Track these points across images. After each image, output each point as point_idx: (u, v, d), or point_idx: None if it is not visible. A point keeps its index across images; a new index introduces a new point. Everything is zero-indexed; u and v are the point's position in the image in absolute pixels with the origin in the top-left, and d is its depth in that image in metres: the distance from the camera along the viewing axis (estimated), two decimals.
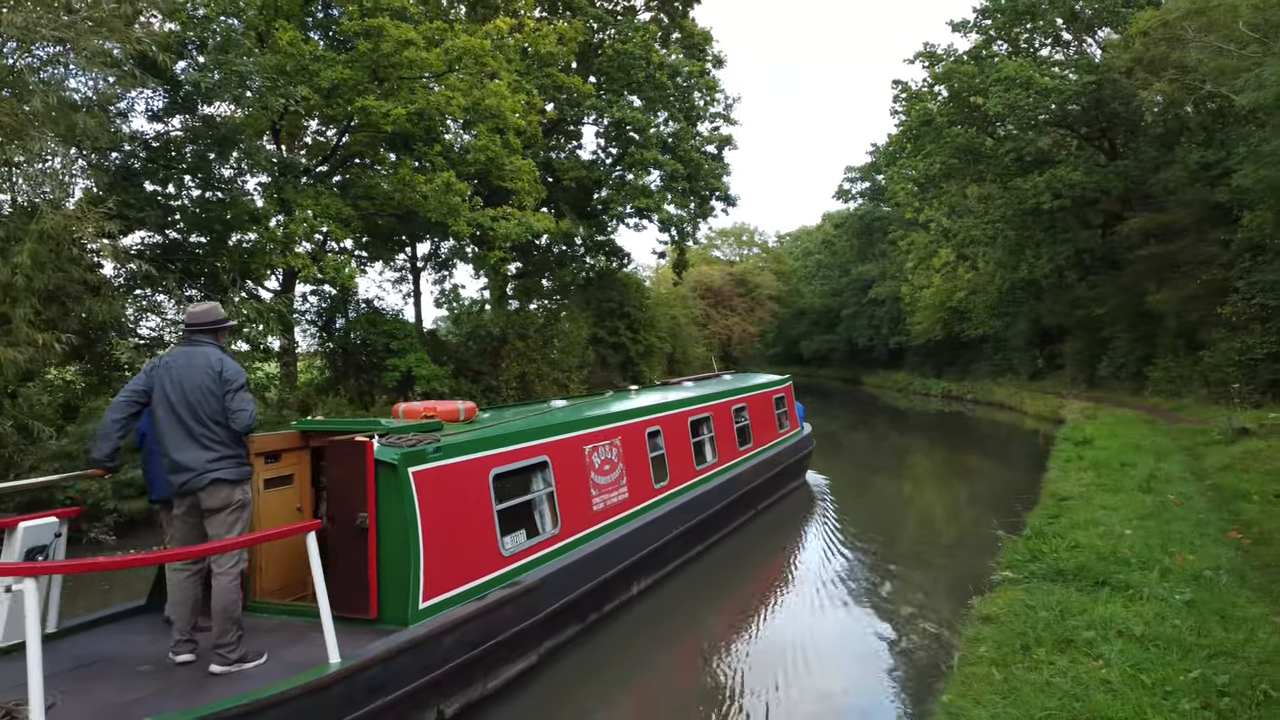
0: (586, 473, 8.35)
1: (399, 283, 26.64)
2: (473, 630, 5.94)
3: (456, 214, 19.21)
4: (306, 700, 4.59)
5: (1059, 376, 35.85)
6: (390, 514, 5.87)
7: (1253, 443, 14.31)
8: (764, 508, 13.11)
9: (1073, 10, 31.51)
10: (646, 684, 6.93)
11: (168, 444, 5.19)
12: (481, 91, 19.36)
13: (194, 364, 5.23)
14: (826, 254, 68.22)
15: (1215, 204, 24.11)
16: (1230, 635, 5.49)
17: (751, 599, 9.33)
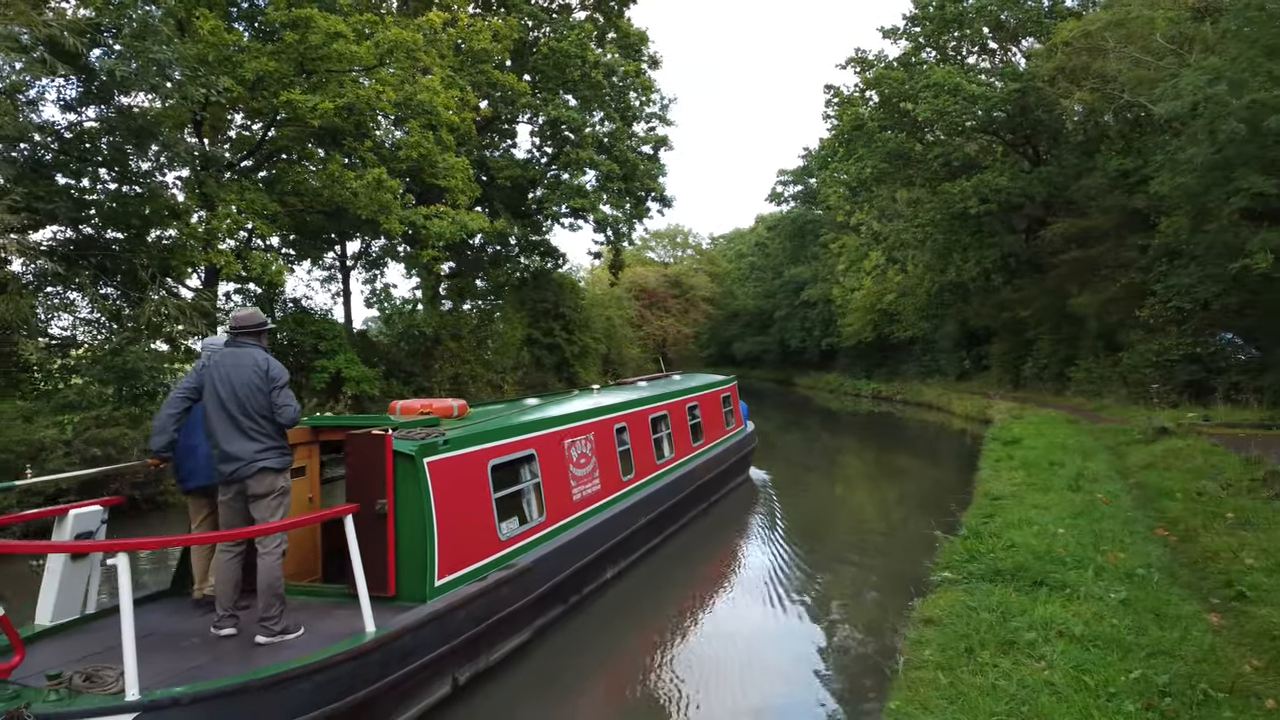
0: (566, 465, 9.01)
1: (328, 281, 26.00)
2: (479, 607, 6.50)
3: (388, 211, 18.77)
4: (353, 663, 5.19)
5: (985, 377, 36.69)
6: (408, 500, 6.43)
7: (1172, 441, 14.73)
8: (715, 500, 13.81)
9: (998, 20, 32.29)
10: (622, 665, 7.35)
11: (218, 436, 5.67)
12: (414, 87, 18.96)
13: (241, 363, 5.73)
14: (760, 256, 68.85)
15: (1134, 210, 24.91)
16: (1166, 634, 5.55)
17: (699, 600, 9.34)
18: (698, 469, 12.84)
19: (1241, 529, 8.28)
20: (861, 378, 50.51)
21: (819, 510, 15.20)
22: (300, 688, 4.91)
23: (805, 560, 10.98)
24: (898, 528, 13.38)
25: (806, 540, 12.20)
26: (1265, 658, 5.28)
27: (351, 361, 19.81)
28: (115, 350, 15.67)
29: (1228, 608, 6.41)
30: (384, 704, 5.48)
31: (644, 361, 48.47)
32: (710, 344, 71.72)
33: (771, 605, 8.98)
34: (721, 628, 8.35)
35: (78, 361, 16.53)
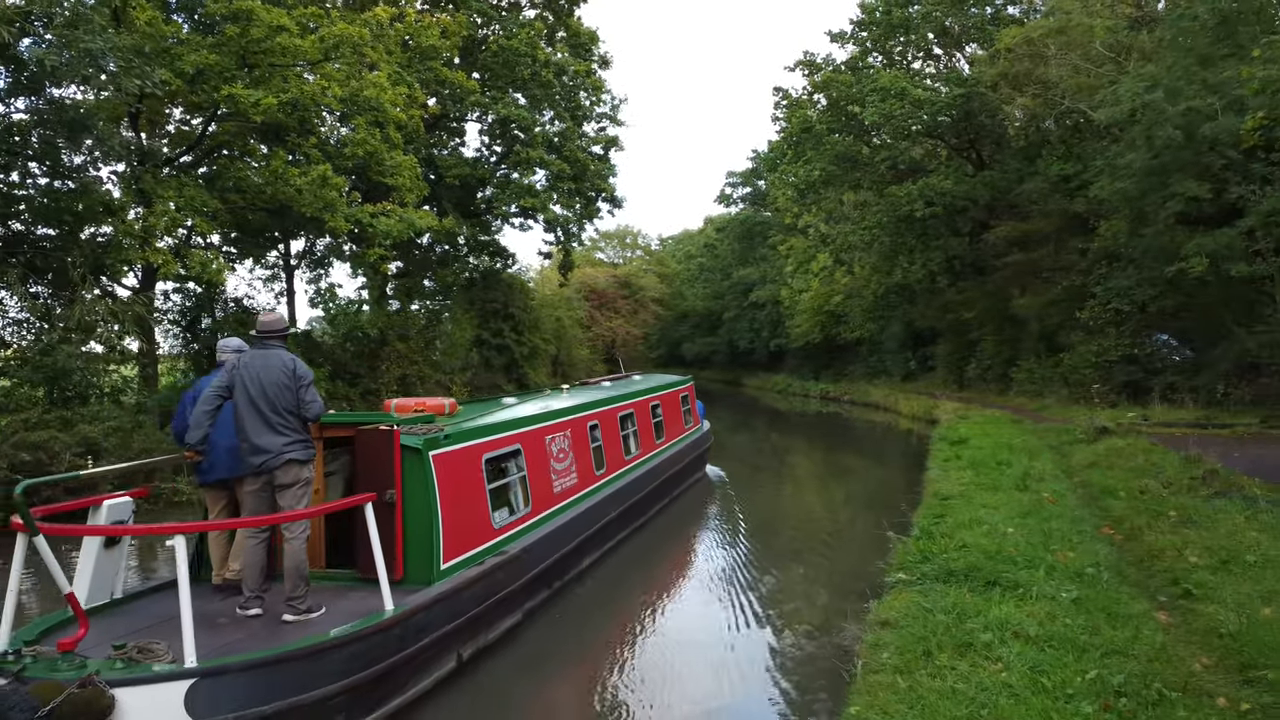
0: (548, 460, 9.61)
1: (271, 281, 25.40)
2: (478, 590, 7.07)
3: (333, 209, 18.37)
4: (377, 637, 5.75)
5: (930, 378, 37.26)
6: (414, 490, 6.96)
7: (1113, 441, 15.05)
8: (677, 495, 14.56)
9: (943, 26, 32.80)
10: (600, 648, 7.83)
11: (248, 431, 6.15)
12: (360, 82, 18.58)
13: (270, 364, 6.24)
14: (708, 257, 69.12)
15: (1074, 214, 25.47)
16: (1119, 633, 5.60)
17: (660, 600, 9.34)
18: (661, 465, 13.58)
19: (1184, 527, 8.44)
20: (809, 378, 50.98)
21: (772, 510, 15.27)
22: (334, 658, 5.48)
23: (760, 560, 11.03)
24: (850, 527, 13.47)
25: (760, 541, 12.28)
26: (1214, 655, 5.36)
27: None
28: (45, 350, 15.09)
29: (1175, 606, 6.52)
30: (401, 675, 6.05)
31: (593, 363, 48.32)
32: (659, 345, 71.80)
33: (727, 606, 8.97)
34: (680, 628, 8.32)
35: (5, 363, 15.89)
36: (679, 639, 7.96)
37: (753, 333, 59.48)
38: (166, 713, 4.85)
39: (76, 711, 4.59)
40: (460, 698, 6.50)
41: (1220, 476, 10.34)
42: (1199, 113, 17.92)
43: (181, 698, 4.88)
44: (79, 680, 4.67)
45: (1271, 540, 7.37)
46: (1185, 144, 18.22)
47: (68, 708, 4.55)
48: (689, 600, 9.40)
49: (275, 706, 5.11)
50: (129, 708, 4.77)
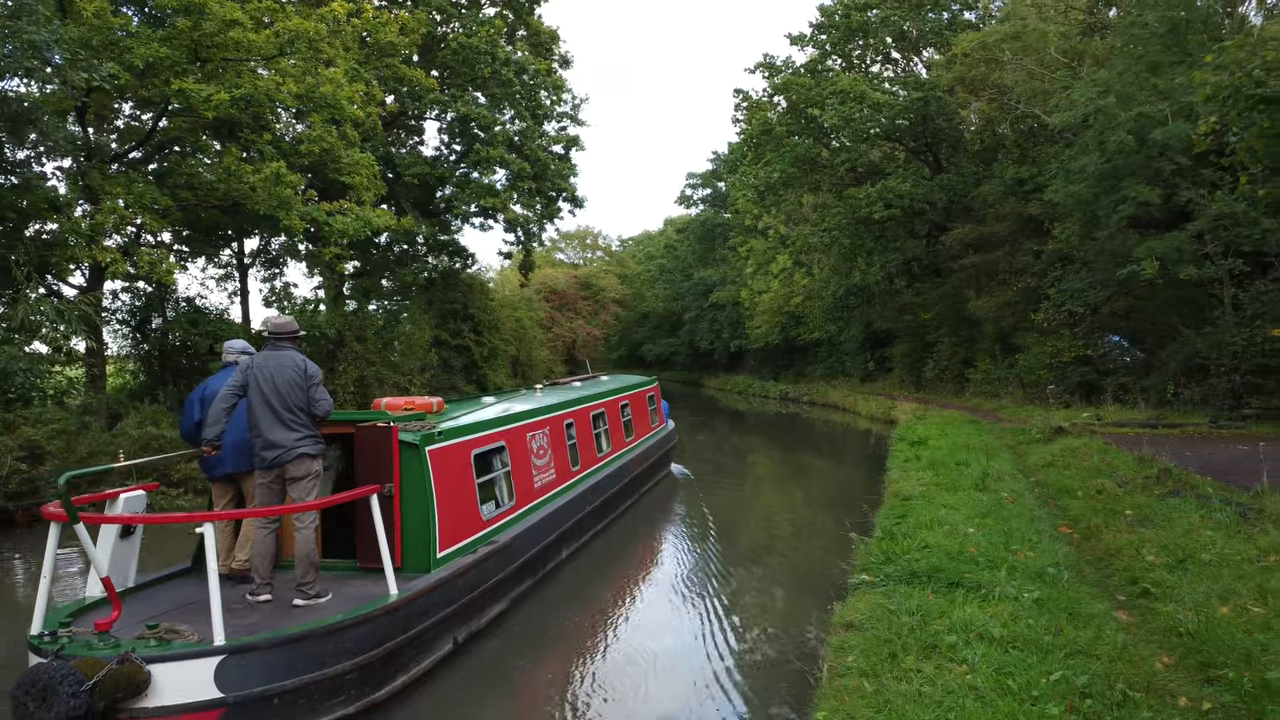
0: (529, 456, 10.08)
1: (224, 280, 24.85)
2: (471, 577, 7.54)
3: (288, 207, 17.99)
4: (384, 619, 6.20)
5: (888, 378, 37.61)
6: (412, 484, 7.41)
7: (1069, 440, 15.26)
8: (645, 491, 15.16)
9: (901, 30, 33.15)
10: (579, 640, 8.09)
11: (262, 427, 6.56)
12: (316, 79, 18.22)
13: (283, 364, 6.65)
14: (669, 258, 69.21)
15: (1029, 217, 25.85)
16: (1081, 633, 5.62)
17: (623, 603, 9.26)
18: (630, 463, 14.16)
19: (1140, 526, 8.55)
20: (769, 379, 51.24)
21: (734, 510, 15.26)
22: (349, 636, 5.94)
23: (722, 561, 11.02)
24: (812, 527, 13.49)
25: (723, 541, 12.30)
26: (1174, 654, 5.41)
27: None
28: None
29: (1134, 605, 6.58)
30: (405, 655, 6.50)
31: (554, 364, 48.06)
32: (620, 346, 71.74)
33: (691, 609, 8.93)
34: (647, 632, 8.25)
35: None
36: (645, 645, 7.90)
37: (713, 334, 59.66)
38: (198, 687, 5.30)
39: (117, 685, 5.04)
40: (457, 677, 6.96)
41: (1173, 476, 10.51)
42: (1150, 118, 18.26)
43: (212, 673, 5.35)
44: (118, 657, 5.14)
45: (1226, 539, 7.47)
46: (1137, 149, 18.57)
47: (109, 682, 4.99)
48: (654, 603, 9.34)
49: (297, 681, 5.61)
50: (164, 682, 5.24)
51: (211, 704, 5.33)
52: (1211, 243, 18.50)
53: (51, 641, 5.48)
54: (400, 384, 24.97)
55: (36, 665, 5.07)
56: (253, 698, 5.43)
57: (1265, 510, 7.88)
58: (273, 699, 5.52)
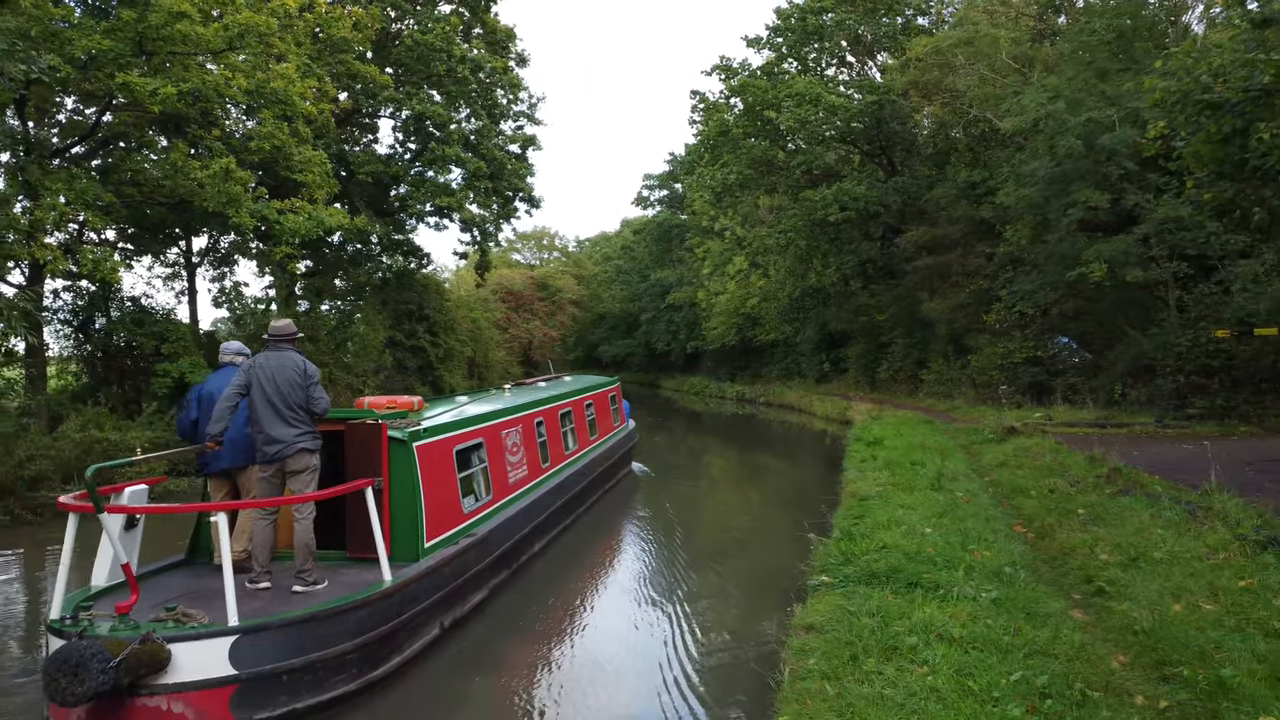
0: (504, 453, 10.48)
1: (171, 279, 24.26)
2: (455, 566, 7.94)
3: (237, 204, 17.60)
4: (380, 603, 6.61)
5: (844, 379, 37.92)
6: (401, 477, 7.81)
7: (1021, 440, 15.48)
8: (609, 488, 15.57)
9: (856, 34, 33.47)
10: (553, 629, 8.40)
11: (264, 424, 6.96)
12: (267, 74, 17.85)
13: (284, 364, 7.06)
14: (626, 259, 69.15)
15: (981, 220, 26.24)
16: (1039, 633, 5.65)
17: (584, 607, 9.12)
18: (595, 460, 14.58)
19: (1093, 525, 8.67)
20: (725, 380, 51.42)
21: (693, 511, 15.25)
22: (351, 619, 6.34)
23: (682, 563, 10.98)
24: (770, 528, 13.51)
25: (682, 543, 12.28)
26: (1130, 653, 5.46)
27: (197, 365, 18.49)
28: None
29: (1090, 603, 6.65)
30: (399, 637, 6.89)
31: (510, 364, 47.80)
32: (577, 347, 71.55)
33: (651, 611, 8.87)
34: (608, 634, 8.18)
35: None
36: (606, 649, 7.87)
37: (669, 335, 59.72)
38: (213, 664, 5.71)
39: (140, 662, 5.43)
40: (445, 660, 7.38)
41: (1124, 475, 10.70)
42: (1098, 124, 18.63)
43: (226, 651, 5.75)
44: (140, 637, 5.52)
45: (1176, 537, 7.59)
46: (1085, 153, 18.92)
47: (133, 659, 5.38)
48: (616, 606, 9.27)
49: (304, 660, 6.02)
50: (182, 660, 5.65)
51: (226, 680, 5.74)
52: (1157, 246, 18.92)
53: (74, 624, 5.86)
54: (354, 385, 24.59)
55: (67, 644, 5.38)
56: (264, 675, 5.84)
57: (1214, 508, 8.03)
58: (282, 676, 5.92)
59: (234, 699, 5.74)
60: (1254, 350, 16.96)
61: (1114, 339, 21.22)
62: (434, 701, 6.64)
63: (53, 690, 5.25)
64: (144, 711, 5.59)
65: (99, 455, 14.84)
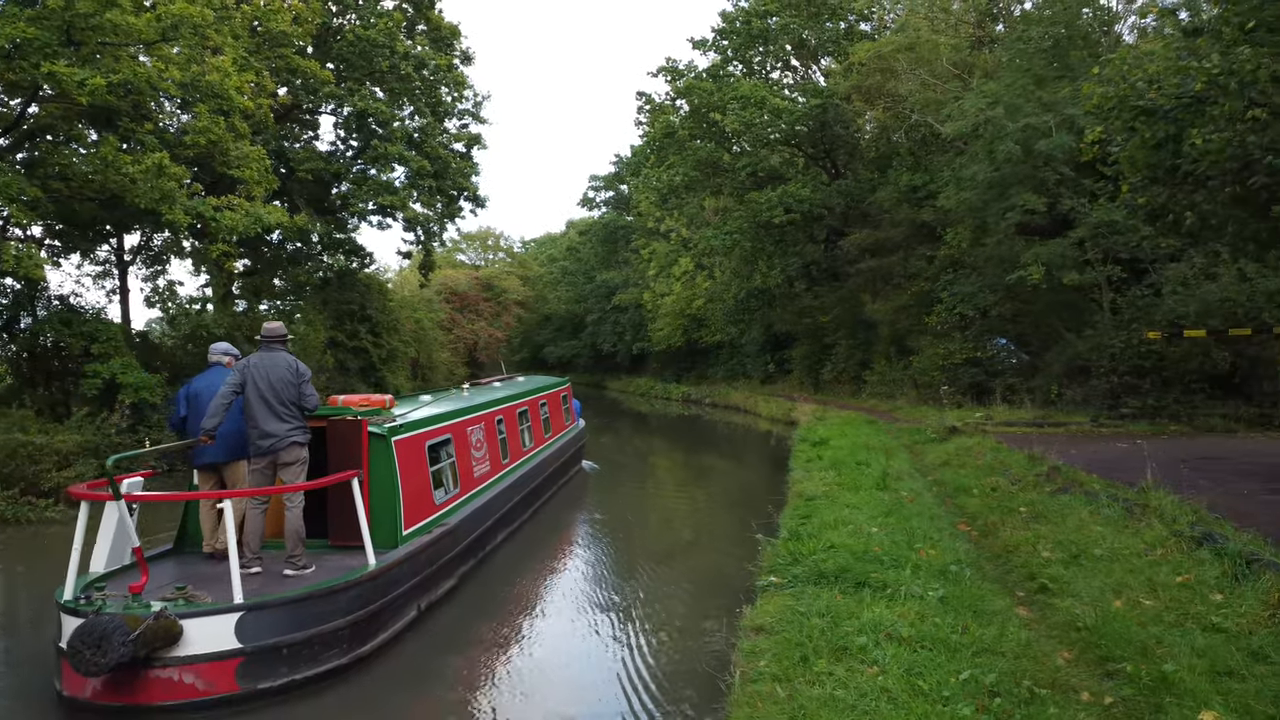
0: (469, 449, 11.01)
1: (102, 278, 23.44)
2: (429, 554, 8.48)
3: (171, 201, 17.04)
4: (367, 584, 7.17)
5: (788, 380, 38.26)
6: (380, 470, 8.32)
7: (962, 440, 15.74)
8: (562, 484, 16.14)
9: (800, 38, 33.80)
10: (516, 616, 8.84)
11: (258, 419, 7.46)
12: (202, 67, 17.34)
13: (277, 363, 7.59)
14: (572, 261, 68.93)
15: (922, 223, 26.67)
16: (986, 631, 5.70)
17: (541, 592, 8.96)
18: (549, 457, 15.20)
19: (1034, 523, 8.82)
20: (671, 381, 51.54)
21: (641, 512, 15.22)
22: (342, 598, 6.90)
23: (629, 563, 10.98)
24: (718, 528, 13.50)
25: (630, 544, 12.30)
26: (1074, 649, 5.54)
27: (129, 366, 17.88)
28: None
29: (1034, 600, 6.75)
30: (382, 618, 7.41)
31: (454, 365, 47.29)
32: (522, 348, 71.13)
33: (600, 613, 8.80)
34: (558, 636, 8.08)
35: None
36: (555, 653, 7.79)
37: (615, 336, 59.67)
38: (221, 638, 6.24)
39: (156, 636, 5.96)
40: (423, 639, 7.90)
41: (1062, 473, 10.92)
42: (1035, 129, 19.05)
43: (232, 627, 6.29)
44: (154, 614, 6.02)
45: (1115, 534, 7.75)
46: (1023, 158, 19.33)
47: (149, 633, 5.89)
48: (566, 610, 9.12)
49: (302, 635, 6.55)
50: (193, 634, 6.18)
51: (232, 654, 6.27)
52: (1092, 250, 19.41)
53: (88, 603, 6.30)
54: None
55: (91, 619, 5.89)
56: (265, 648, 6.38)
57: (1150, 506, 8.21)
58: (282, 649, 6.47)
59: (239, 670, 6.29)
60: (1183, 351, 17.49)
61: (1050, 340, 21.73)
62: (414, 676, 7.11)
63: (77, 661, 5.74)
64: (157, 682, 6.12)
65: (24, 459, 14.31)
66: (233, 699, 6.25)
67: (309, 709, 6.40)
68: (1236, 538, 6.97)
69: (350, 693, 6.65)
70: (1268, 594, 5.63)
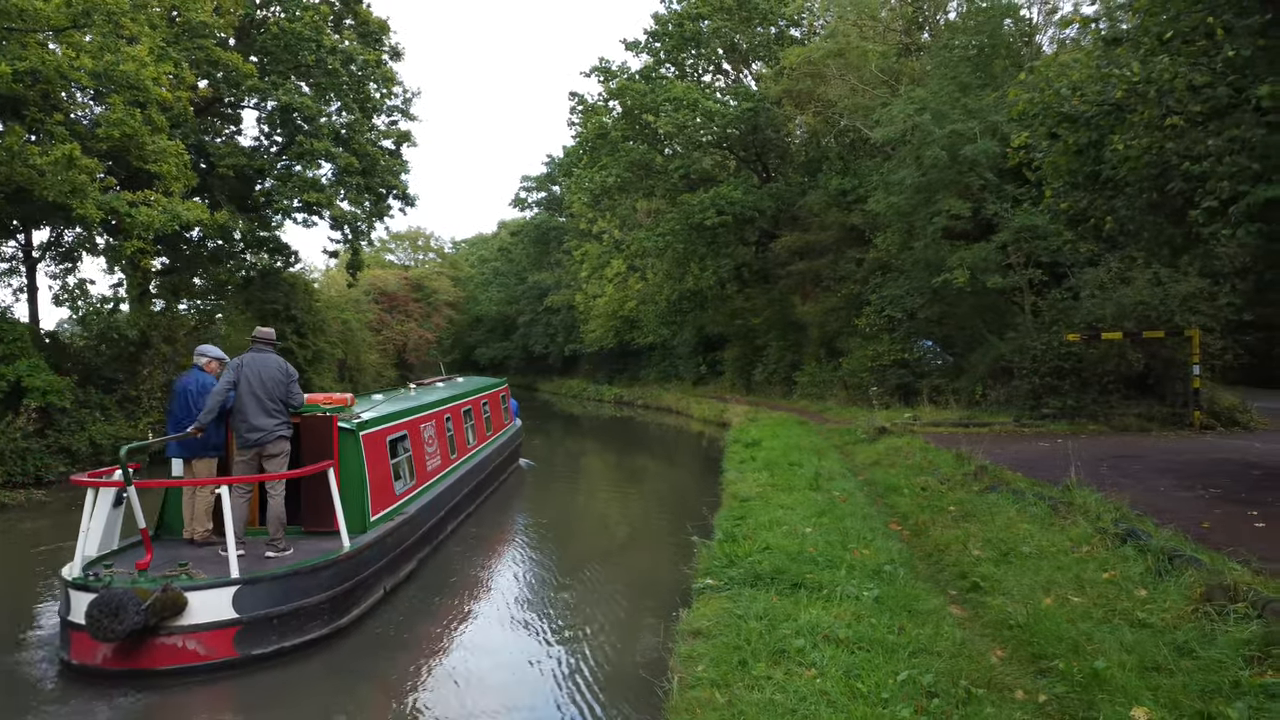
0: (423, 444, 11.78)
1: (8, 275, 22.34)
2: (393, 539, 9.31)
3: (83, 195, 16.32)
4: (344, 563, 8.00)
5: (720, 382, 38.49)
6: (350, 462, 9.12)
7: (891, 440, 15.98)
8: (503, 480, 16.83)
9: (732, 42, 34.04)
10: (457, 619, 9.06)
11: (249, 414, 8.23)
12: (116, 56, 16.65)
13: (268, 364, 8.41)
14: (503, 261, 68.31)
15: (851, 227, 27.09)
16: (922, 631, 5.73)
17: (466, 621, 8.75)
18: (491, 453, 15.94)
19: (964, 521, 8.95)
20: (604, 383, 51.46)
21: (575, 515, 15.12)
22: (324, 575, 7.75)
23: (565, 568, 10.83)
24: (653, 531, 13.46)
25: (566, 547, 12.19)
26: (1007, 647, 5.61)
27: (36, 368, 17.07)
28: None
29: (966, 599, 6.83)
30: (356, 594, 8.24)
31: (384, 367, 46.41)
32: (453, 349, 70.19)
33: (536, 621, 8.66)
34: (488, 647, 7.88)
35: None
36: (484, 664, 7.62)
37: (547, 337, 59.35)
38: (220, 609, 7.05)
39: (164, 606, 6.76)
40: (391, 614, 8.66)
41: (989, 472, 11.13)
42: (961, 135, 19.48)
43: (230, 599, 7.10)
44: (161, 587, 6.81)
45: (1042, 531, 7.91)
46: (950, 164, 19.75)
47: (159, 603, 6.69)
48: (499, 621, 8.97)
49: (290, 606, 7.40)
50: (196, 605, 6.98)
51: (230, 623, 7.08)
52: (1014, 253, 19.92)
53: (97, 580, 7.04)
54: None
55: (107, 591, 6.64)
56: (259, 618, 7.21)
57: (1075, 503, 8.41)
58: (273, 619, 7.30)
59: (236, 637, 7.10)
60: (1100, 353, 18.05)
61: (975, 342, 22.24)
62: (383, 646, 7.85)
63: (96, 628, 6.48)
64: (163, 649, 6.90)
65: None
66: (232, 663, 7.04)
67: (296, 672, 7.20)
68: (1158, 534, 7.18)
69: (331, 658, 7.46)
70: (1190, 589, 5.78)
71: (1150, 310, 17.45)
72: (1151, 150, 9.50)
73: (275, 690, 6.91)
